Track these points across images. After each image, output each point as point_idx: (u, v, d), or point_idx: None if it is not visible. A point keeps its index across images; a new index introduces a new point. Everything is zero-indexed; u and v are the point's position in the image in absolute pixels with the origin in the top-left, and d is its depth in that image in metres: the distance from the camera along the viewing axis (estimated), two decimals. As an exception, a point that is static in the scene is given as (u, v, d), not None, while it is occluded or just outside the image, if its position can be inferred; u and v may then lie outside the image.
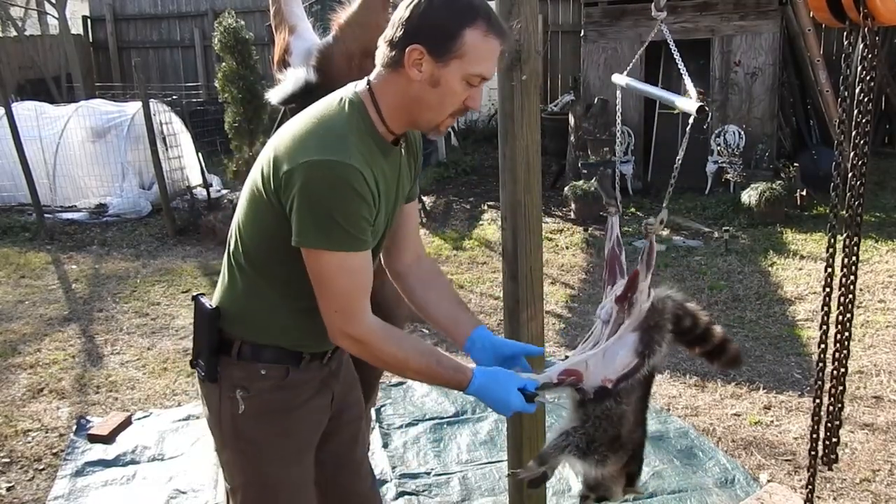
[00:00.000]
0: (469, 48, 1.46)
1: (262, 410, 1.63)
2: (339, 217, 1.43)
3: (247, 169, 6.40)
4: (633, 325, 1.62)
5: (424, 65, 1.47)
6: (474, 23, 1.46)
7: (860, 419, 3.34)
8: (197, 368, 1.69)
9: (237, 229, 1.62)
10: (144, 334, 4.56)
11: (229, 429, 1.65)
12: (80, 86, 10.96)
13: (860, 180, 1.69)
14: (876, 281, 5.02)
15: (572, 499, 2.85)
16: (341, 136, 1.47)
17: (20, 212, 7.45)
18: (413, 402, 3.62)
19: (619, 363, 1.60)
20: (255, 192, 1.54)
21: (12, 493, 2.98)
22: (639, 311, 1.61)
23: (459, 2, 1.47)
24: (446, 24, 1.46)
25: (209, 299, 1.68)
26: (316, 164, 1.43)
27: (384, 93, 1.53)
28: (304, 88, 2.40)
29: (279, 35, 2.60)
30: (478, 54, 1.48)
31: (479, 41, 1.47)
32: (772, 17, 7.32)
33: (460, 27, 1.46)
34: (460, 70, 1.48)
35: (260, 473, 1.67)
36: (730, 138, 7.33)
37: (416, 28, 1.46)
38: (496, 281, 5.21)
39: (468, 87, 1.50)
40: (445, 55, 1.46)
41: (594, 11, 7.81)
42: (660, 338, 1.61)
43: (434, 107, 1.52)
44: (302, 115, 1.55)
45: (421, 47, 1.46)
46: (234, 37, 6.35)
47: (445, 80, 1.48)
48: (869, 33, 1.60)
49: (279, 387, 1.62)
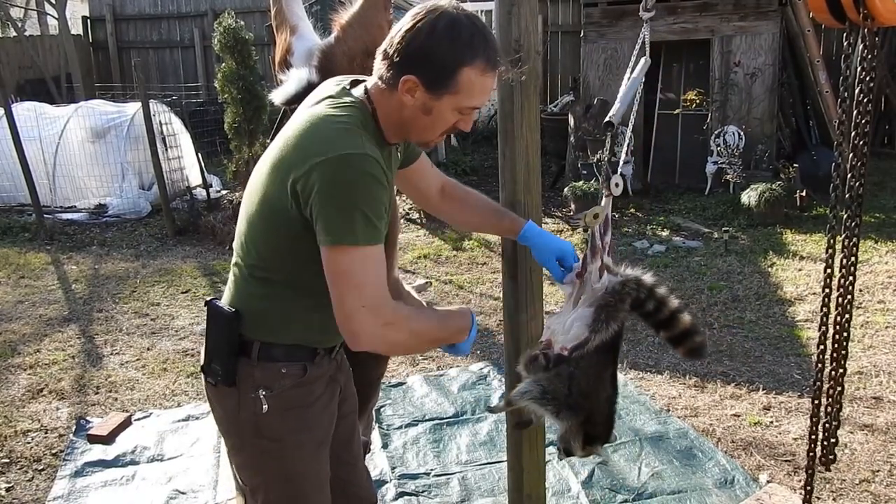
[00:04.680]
0: (464, 86, 1.47)
1: (285, 407, 1.64)
2: (365, 208, 1.44)
3: (247, 169, 6.44)
4: (588, 301, 1.78)
5: (418, 93, 1.48)
6: (473, 62, 1.46)
7: (860, 420, 3.34)
8: (209, 374, 1.67)
9: (248, 238, 1.61)
10: (144, 335, 4.56)
11: (250, 429, 1.65)
12: (80, 86, 10.97)
13: (859, 181, 1.69)
14: (875, 282, 5.02)
15: (572, 499, 2.85)
16: (350, 131, 1.48)
17: (20, 212, 7.45)
18: (413, 403, 3.62)
19: (571, 335, 1.76)
20: (266, 201, 1.54)
21: (12, 494, 2.98)
22: (590, 289, 1.79)
23: (461, 38, 1.46)
24: (444, 61, 1.46)
25: (221, 302, 1.67)
26: (333, 161, 1.43)
27: (379, 104, 1.55)
28: (307, 89, 2.40)
29: (280, 35, 2.60)
30: (473, 90, 1.49)
31: (475, 78, 1.48)
32: (772, 17, 7.32)
33: (458, 65, 1.46)
34: (453, 103, 1.50)
35: (284, 468, 1.69)
36: (729, 139, 7.33)
37: (413, 57, 1.46)
38: (496, 281, 5.21)
39: (459, 114, 1.53)
40: (440, 90, 1.48)
41: (594, 12, 7.81)
42: (609, 316, 1.75)
43: (425, 129, 1.56)
44: (300, 119, 1.54)
45: (415, 79, 1.46)
46: (234, 37, 6.35)
47: (437, 110, 1.51)
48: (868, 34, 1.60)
49: (299, 384, 1.64)
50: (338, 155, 1.43)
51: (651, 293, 1.79)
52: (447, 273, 5.53)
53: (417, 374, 3.91)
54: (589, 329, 1.75)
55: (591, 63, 7.87)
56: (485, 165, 8.75)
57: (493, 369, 3.90)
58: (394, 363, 3.97)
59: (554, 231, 6.45)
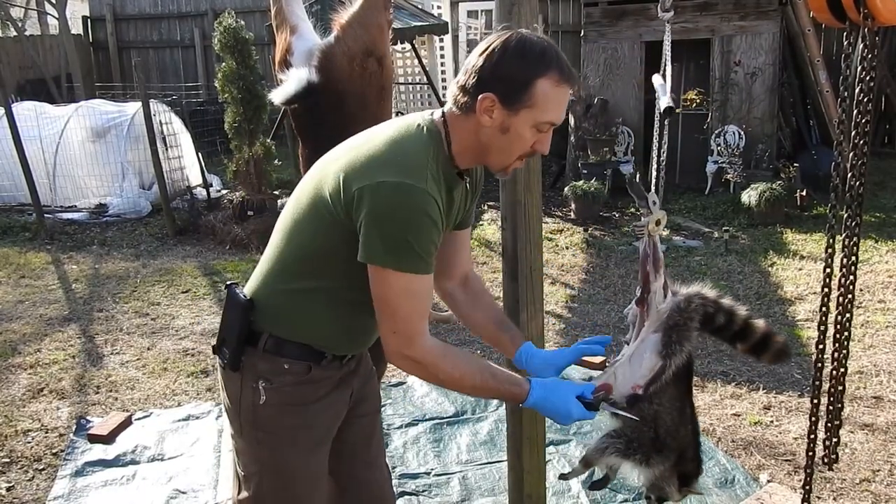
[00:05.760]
0: (540, 98, 1.48)
1: (282, 402, 1.65)
2: (412, 239, 1.46)
3: (247, 169, 6.44)
4: (654, 326, 1.62)
5: (495, 112, 1.49)
6: (546, 73, 1.48)
7: (860, 419, 3.34)
8: (219, 355, 1.70)
9: (293, 233, 1.62)
10: (144, 334, 4.56)
11: (248, 417, 1.68)
12: (80, 86, 10.96)
13: (859, 181, 1.69)
14: (876, 281, 5.02)
15: (572, 499, 2.85)
16: (419, 162, 1.50)
17: (20, 212, 7.45)
18: (413, 402, 3.62)
19: (644, 367, 1.61)
20: (317, 205, 1.55)
21: (12, 493, 2.98)
22: (656, 311, 1.62)
23: (532, 52, 1.48)
24: (519, 75, 1.48)
25: (241, 289, 1.69)
26: (393, 186, 1.45)
27: (454, 130, 1.55)
28: (307, 88, 2.40)
29: (280, 35, 2.60)
30: (548, 103, 1.50)
31: (550, 91, 1.49)
32: (772, 17, 7.33)
33: (533, 77, 1.47)
34: (531, 118, 1.50)
35: (276, 461, 1.70)
36: (730, 138, 7.33)
37: (488, 76, 1.48)
38: (496, 281, 5.21)
39: (537, 132, 1.53)
40: (517, 104, 1.49)
41: (594, 11, 7.82)
42: (681, 337, 1.61)
43: (503, 150, 1.55)
44: (375, 136, 1.57)
45: (493, 96, 1.48)
46: (234, 37, 6.35)
47: (515, 128, 1.51)
48: (869, 33, 1.60)
49: (300, 382, 1.64)
50: (401, 182, 1.45)
51: (718, 306, 1.70)
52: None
53: (418, 374, 3.91)
54: (661, 356, 1.62)
55: (592, 63, 7.87)
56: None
57: (494, 369, 3.90)
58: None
59: (554, 230, 6.45)
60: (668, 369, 1.61)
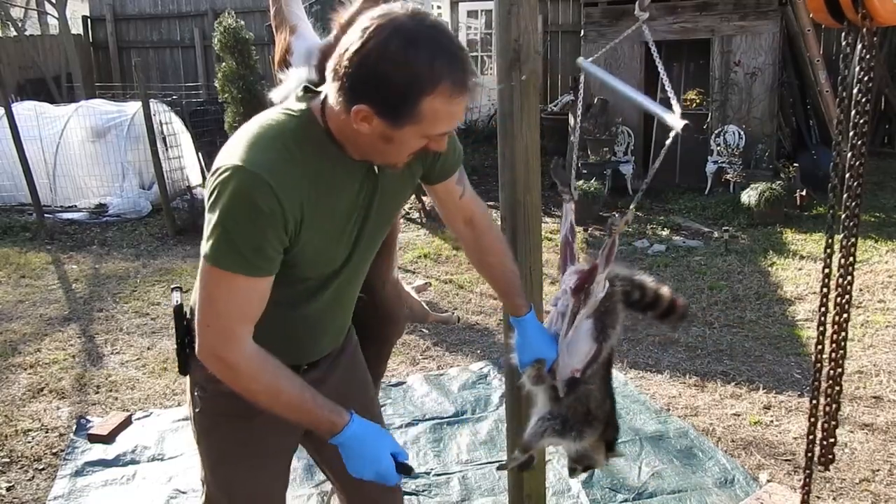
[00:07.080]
0: (428, 115, 1.25)
1: (217, 412, 1.59)
2: (234, 234, 1.27)
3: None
4: (588, 313, 1.70)
5: (374, 123, 1.26)
6: (435, 89, 1.22)
7: (860, 419, 3.34)
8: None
9: None
10: (144, 334, 4.56)
11: (192, 425, 1.67)
12: (80, 86, 10.96)
13: (858, 181, 1.69)
14: (875, 281, 5.02)
15: (572, 499, 2.85)
16: (264, 145, 1.31)
17: (20, 212, 7.45)
18: (413, 402, 3.63)
19: (581, 353, 1.69)
20: None
21: (12, 493, 2.98)
22: (594, 300, 1.69)
23: (418, 62, 1.21)
24: (401, 90, 1.22)
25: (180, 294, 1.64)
26: (223, 170, 1.29)
27: (331, 119, 1.34)
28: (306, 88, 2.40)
29: (280, 35, 2.60)
30: (437, 119, 1.27)
31: (440, 107, 1.25)
32: (772, 17, 7.33)
33: (419, 94, 1.22)
34: (417, 132, 1.29)
35: (215, 475, 1.67)
36: (729, 138, 7.33)
37: (363, 84, 1.22)
38: (496, 281, 5.20)
39: (428, 139, 1.32)
40: (399, 120, 1.25)
41: (594, 11, 7.81)
42: (612, 320, 1.70)
43: (387, 155, 1.35)
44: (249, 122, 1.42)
45: (369, 109, 1.24)
46: (234, 37, 6.36)
47: (399, 139, 1.29)
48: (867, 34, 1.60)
49: (234, 394, 1.41)
50: (232, 166, 1.28)
51: (633, 283, 1.77)
52: (447, 273, 5.53)
53: (417, 374, 3.91)
54: (596, 340, 1.68)
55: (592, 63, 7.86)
56: (485, 165, 8.74)
57: (493, 369, 3.90)
58: (394, 363, 3.97)
59: (554, 231, 6.45)
60: (603, 352, 1.69)
